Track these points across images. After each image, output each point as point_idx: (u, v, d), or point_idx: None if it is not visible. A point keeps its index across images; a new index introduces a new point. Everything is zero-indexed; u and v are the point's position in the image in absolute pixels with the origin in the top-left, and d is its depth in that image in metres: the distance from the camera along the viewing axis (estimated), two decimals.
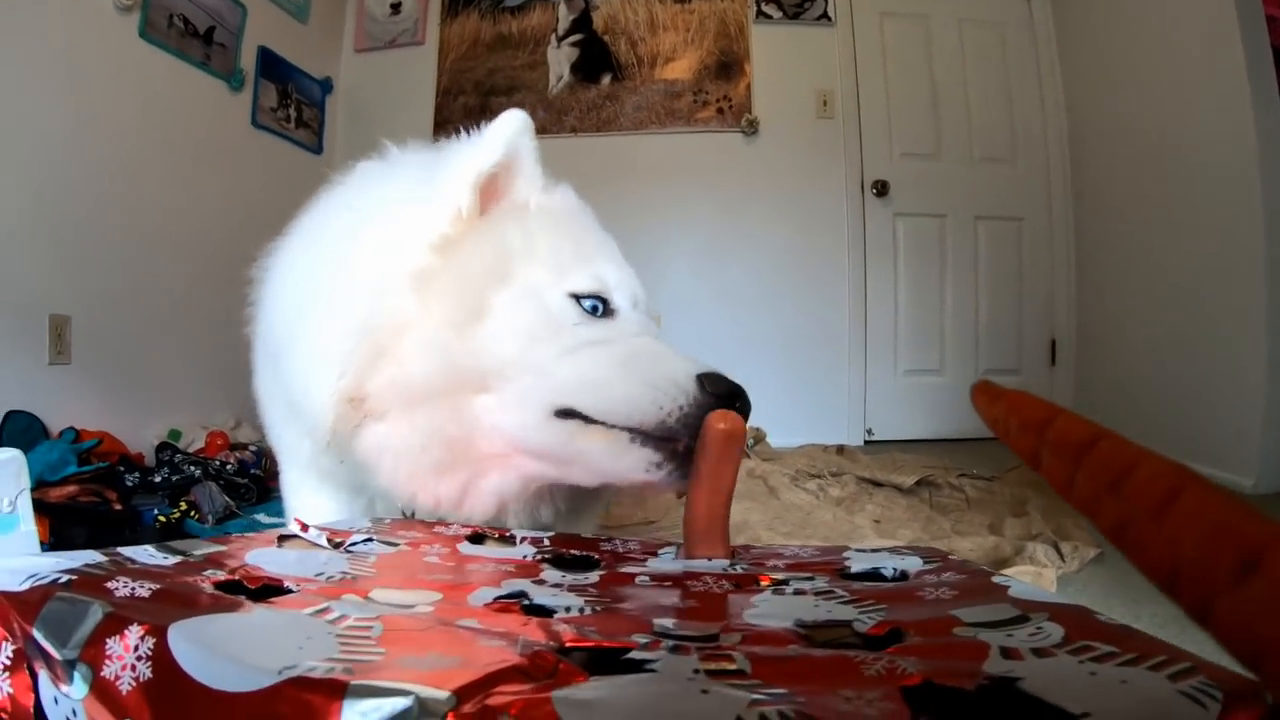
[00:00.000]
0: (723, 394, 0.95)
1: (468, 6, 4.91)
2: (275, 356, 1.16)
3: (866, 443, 4.54)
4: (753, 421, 3.31)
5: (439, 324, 1.00)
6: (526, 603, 0.65)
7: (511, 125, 1.13)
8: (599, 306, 1.06)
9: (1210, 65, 3.28)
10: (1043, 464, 0.46)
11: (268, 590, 0.63)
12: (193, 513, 2.53)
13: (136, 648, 0.47)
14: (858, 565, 0.82)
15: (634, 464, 0.97)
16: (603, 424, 0.98)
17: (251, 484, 2.89)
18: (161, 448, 3.16)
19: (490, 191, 1.13)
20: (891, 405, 4.65)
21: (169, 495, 2.60)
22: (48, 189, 2.96)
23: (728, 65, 4.72)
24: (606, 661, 0.51)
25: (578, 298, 1.05)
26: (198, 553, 0.71)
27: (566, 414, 0.98)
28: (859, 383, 4.64)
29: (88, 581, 0.55)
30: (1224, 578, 0.35)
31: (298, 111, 4.50)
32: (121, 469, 2.68)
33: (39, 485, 2.18)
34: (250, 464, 3.05)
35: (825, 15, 4.71)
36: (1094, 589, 1.85)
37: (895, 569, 0.80)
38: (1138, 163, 3.92)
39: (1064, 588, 1.83)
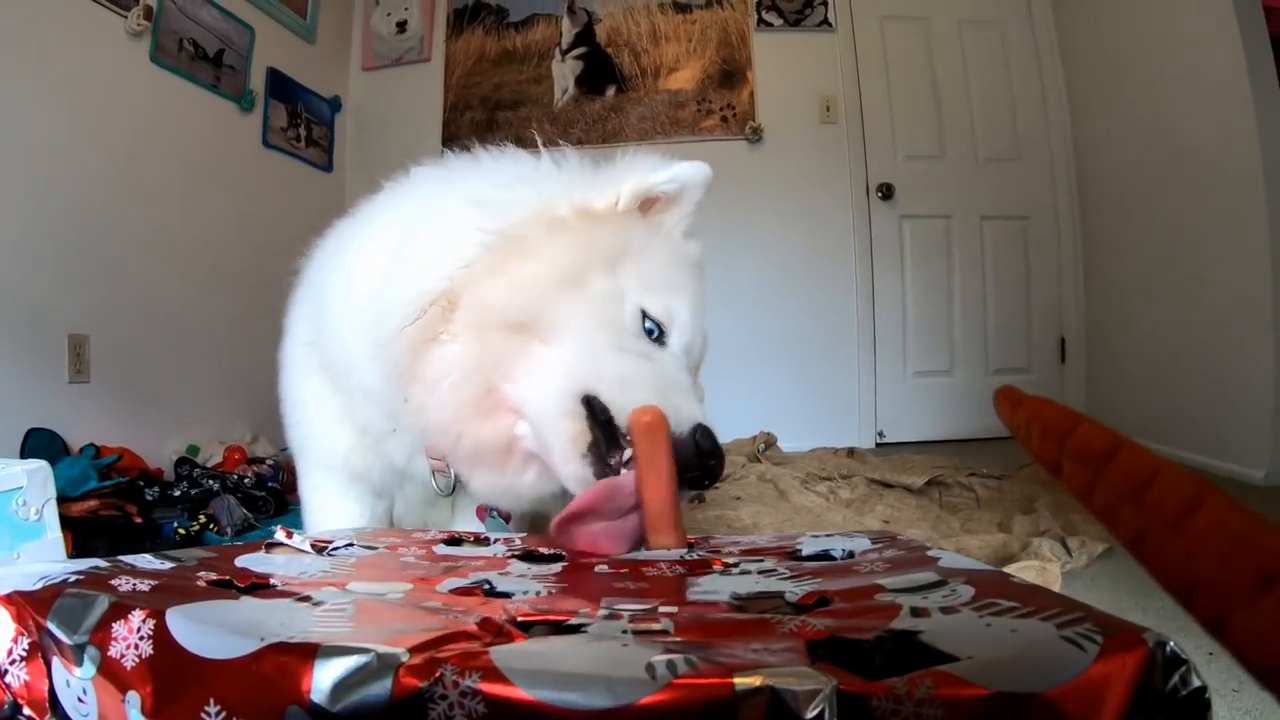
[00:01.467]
0: (705, 449, 1.01)
1: (472, 23, 4.97)
2: (350, 290, 1.18)
3: (878, 445, 4.55)
4: (764, 425, 3.34)
5: (545, 267, 1.05)
6: (488, 588, 0.70)
7: (695, 172, 1.27)
8: (655, 330, 1.12)
9: (1210, 58, 3.30)
10: (1064, 472, 0.46)
11: (255, 587, 0.68)
12: (211, 525, 2.58)
13: (139, 629, 0.53)
14: (809, 548, 0.87)
15: (573, 473, 1.01)
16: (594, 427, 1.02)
17: (269, 497, 2.93)
18: (180, 462, 3.19)
19: (646, 207, 1.22)
20: (902, 407, 4.66)
21: (188, 508, 2.64)
22: (64, 211, 3.00)
23: (730, 74, 4.76)
24: (549, 629, 0.57)
25: (645, 314, 1.11)
26: (192, 559, 0.76)
27: (587, 402, 1.02)
28: (869, 385, 4.65)
29: (94, 579, 0.61)
30: (1241, 592, 0.34)
31: (307, 130, 4.55)
32: (141, 483, 2.71)
33: (60, 500, 2.20)
34: (268, 477, 3.09)
35: (826, 21, 4.74)
36: (1103, 582, 1.87)
37: (844, 550, 0.86)
38: (1141, 158, 3.94)
39: (1071, 582, 1.85)
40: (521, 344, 1.04)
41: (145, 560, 0.73)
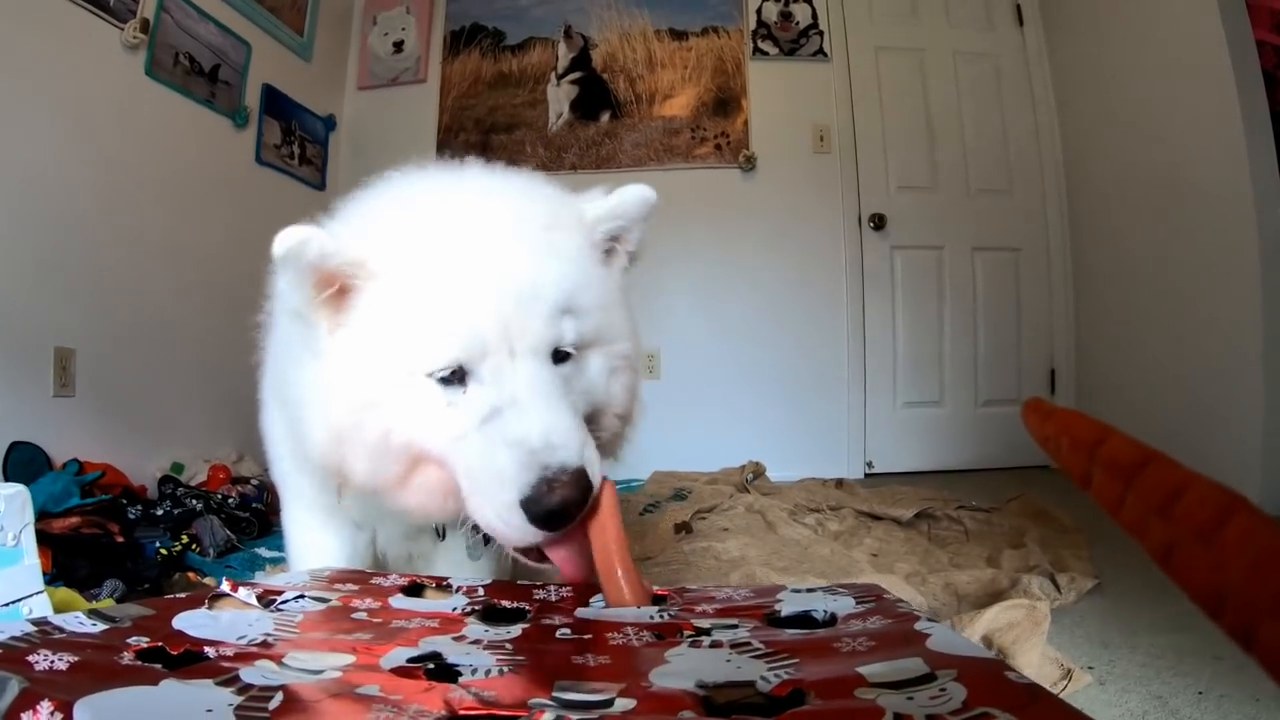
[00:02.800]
0: (540, 516, 0.93)
1: (469, 45, 4.98)
2: (282, 395, 1.18)
3: (867, 475, 4.54)
4: (752, 454, 3.33)
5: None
6: (433, 666, 0.67)
7: (639, 202, 1.17)
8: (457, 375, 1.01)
9: (1203, 93, 3.33)
10: (1093, 484, 0.46)
11: (188, 656, 0.66)
12: (194, 545, 2.56)
13: None
14: (789, 608, 0.84)
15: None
16: None
17: (253, 518, 2.91)
18: (164, 480, 3.17)
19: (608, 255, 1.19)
20: (891, 437, 4.65)
21: (171, 528, 2.62)
22: (54, 223, 2.99)
23: (725, 102, 4.79)
24: None
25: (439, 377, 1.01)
26: (126, 619, 0.73)
27: None
28: (858, 415, 4.64)
29: (9, 655, 0.59)
30: (1269, 603, 0.35)
31: (301, 148, 4.54)
32: (124, 501, 2.69)
33: (42, 516, 2.19)
34: (252, 498, 3.06)
35: (821, 51, 4.77)
36: (1091, 620, 1.86)
37: (826, 611, 0.82)
38: (1133, 191, 3.97)
39: (1060, 620, 1.83)
40: None
41: (75, 621, 0.70)
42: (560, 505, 0.91)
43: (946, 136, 4.78)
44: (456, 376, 0.99)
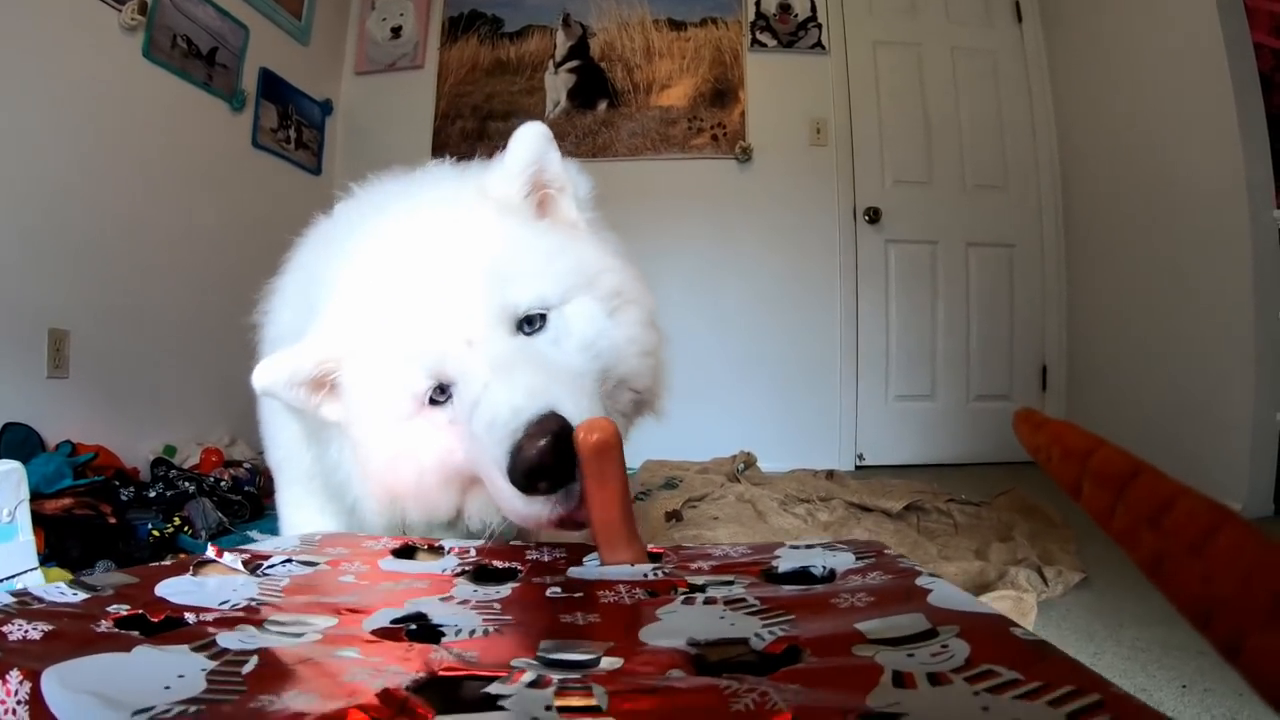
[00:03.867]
0: (522, 480, 0.89)
1: (467, 31, 4.97)
2: (329, 480, 1.19)
3: (857, 467, 4.56)
4: (744, 445, 3.33)
5: None
6: (415, 627, 0.66)
7: (533, 137, 1.16)
8: (445, 392, 1.02)
9: (1199, 92, 3.33)
10: (1083, 494, 0.46)
11: (168, 623, 0.65)
12: (186, 528, 2.56)
13: (16, 691, 0.50)
14: (786, 564, 0.82)
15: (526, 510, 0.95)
16: None
17: (245, 501, 2.92)
18: (157, 463, 3.17)
19: (542, 209, 1.19)
20: (882, 430, 4.67)
21: (163, 510, 2.62)
22: (50, 205, 2.99)
23: (723, 93, 4.79)
24: (466, 697, 0.52)
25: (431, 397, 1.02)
26: (109, 588, 0.73)
27: None
28: (850, 408, 4.66)
29: None
30: (1257, 616, 0.35)
31: (298, 132, 4.54)
32: (117, 483, 2.69)
33: (35, 497, 2.18)
34: (244, 481, 3.07)
35: (819, 44, 4.77)
36: (1078, 613, 1.88)
37: (824, 567, 0.80)
38: (1128, 190, 3.98)
39: (1047, 612, 1.85)
40: None
41: (57, 591, 0.70)
42: (537, 459, 0.86)
43: (943, 132, 4.79)
44: (442, 393, 1.00)
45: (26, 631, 0.58)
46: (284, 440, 1.32)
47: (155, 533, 2.43)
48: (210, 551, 0.86)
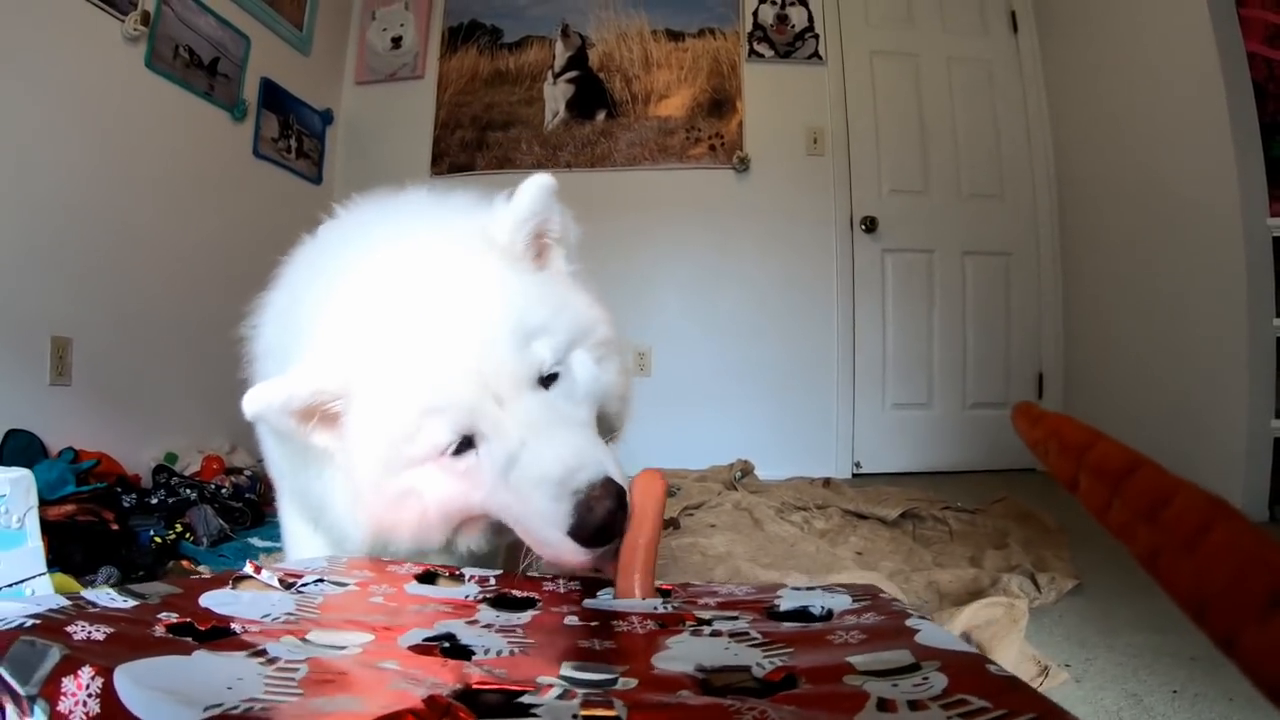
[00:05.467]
0: (589, 538, 0.96)
1: (467, 42, 5.00)
2: (306, 503, 1.22)
3: (855, 475, 4.57)
4: (741, 453, 3.35)
5: None
6: (448, 645, 0.70)
7: (540, 192, 1.17)
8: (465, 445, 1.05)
9: (1193, 101, 3.36)
10: (1081, 488, 0.46)
11: (216, 632, 0.68)
12: (188, 535, 2.57)
13: (88, 686, 0.53)
14: (787, 604, 0.87)
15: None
16: None
17: (246, 508, 2.92)
18: (158, 470, 3.18)
19: (539, 258, 1.22)
20: (879, 438, 4.69)
21: (165, 517, 2.63)
22: (54, 214, 3.01)
23: (720, 103, 4.81)
24: (501, 705, 0.56)
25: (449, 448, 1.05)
26: (155, 596, 0.76)
27: None
28: (847, 416, 4.68)
29: (49, 625, 0.61)
30: (1252, 609, 0.35)
31: (298, 142, 4.56)
32: (119, 490, 2.70)
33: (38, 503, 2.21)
34: (245, 488, 3.08)
35: (816, 54, 4.80)
36: (1070, 619, 1.89)
37: (823, 607, 0.85)
38: (1123, 198, 4.01)
39: (1040, 619, 1.86)
40: None
41: (107, 598, 0.73)
42: (604, 520, 0.95)
43: (939, 141, 4.81)
44: (465, 445, 1.03)
45: (90, 633, 0.61)
46: (277, 458, 1.33)
47: (157, 539, 2.43)
48: (248, 568, 0.89)
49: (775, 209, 4.73)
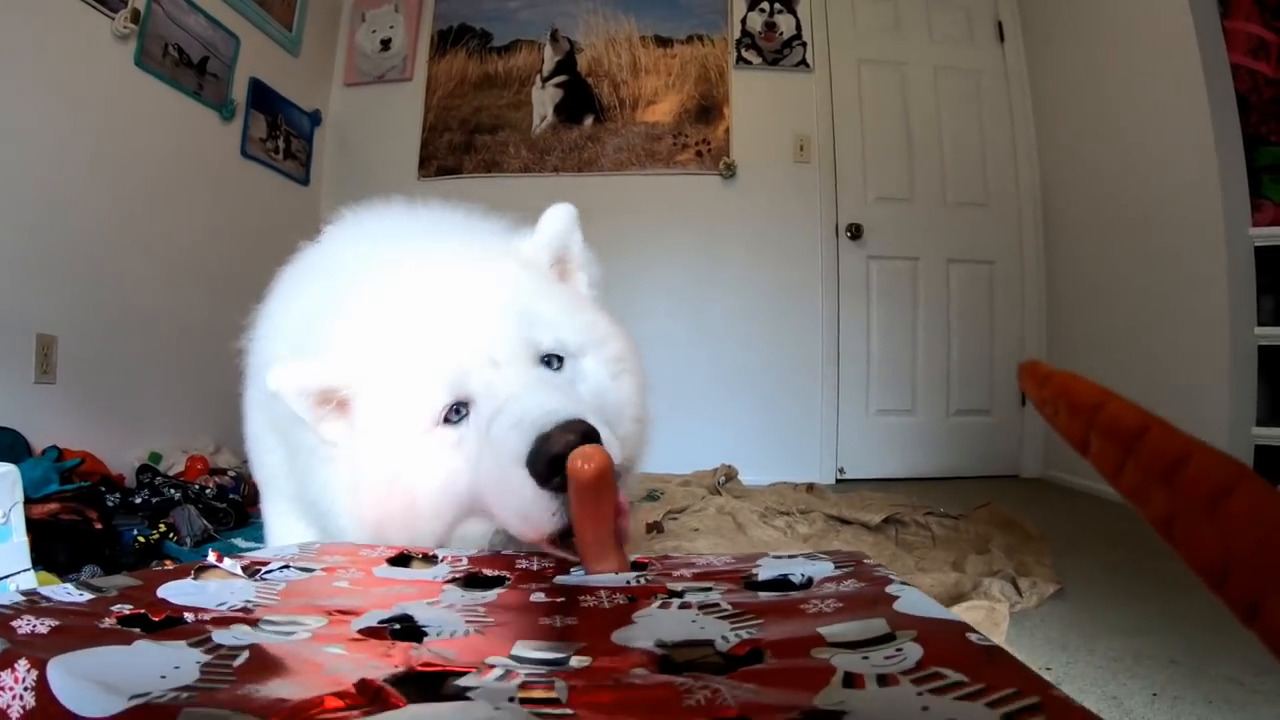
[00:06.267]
0: (543, 468, 0.93)
1: (456, 45, 5.01)
2: (307, 494, 1.22)
3: (838, 481, 4.59)
4: (726, 458, 3.35)
5: None
6: (399, 627, 0.70)
7: (563, 221, 1.26)
8: (460, 411, 1.06)
9: (1177, 111, 3.41)
10: (1091, 449, 0.44)
11: (168, 622, 0.69)
12: (171, 535, 2.56)
13: (23, 679, 0.53)
14: (767, 572, 0.85)
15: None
16: None
17: (230, 509, 2.92)
18: (142, 469, 3.18)
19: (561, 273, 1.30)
20: (863, 444, 4.71)
21: (148, 517, 2.62)
22: (40, 211, 3.01)
23: (708, 109, 4.84)
24: (436, 687, 0.56)
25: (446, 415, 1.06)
26: (113, 589, 0.76)
27: None
28: (831, 422, 4.70)
29: None
30: (1275, 578, 0.34)
31: (286, 143, 4.56)
32: (103, 489, 2.70)
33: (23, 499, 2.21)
34: (229, 489, 3.07)
35: (804, 62, 4.83)
36: (1052, 623, 1.91)
37: (803, 575, 0.83)
38: (1107, 207, 4.05)
39: (1022, 623, 1.88)
40: None
41: (64, 593, 0.73)
42: (561, 449, 0.91)
43: (925, 149, 4.84)
44: (457, 412, 1.05)
45: (35, 626, 0.62)
46: (271, 461, 1.35)
47: (141, 539, 2.43)
48: (211, 557, 0.89)
49: (762, 216, 4.75)
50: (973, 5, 4.96)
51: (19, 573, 1.18)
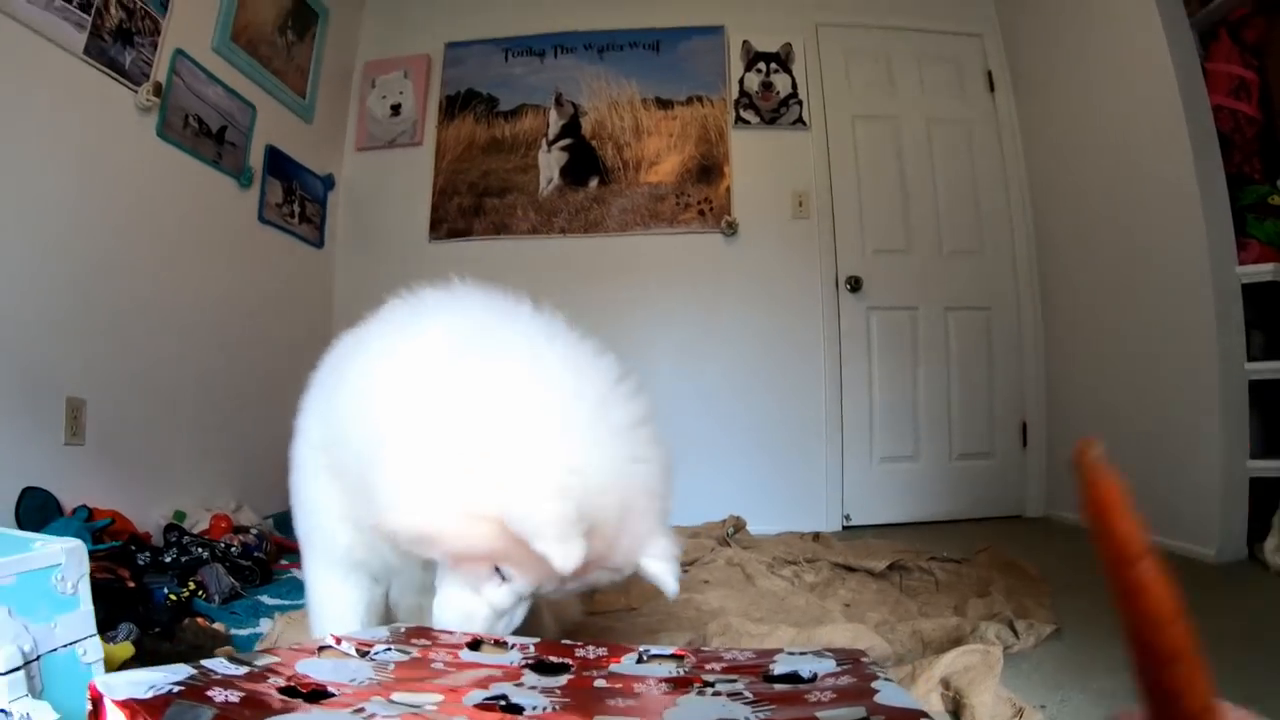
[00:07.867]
0: None
1: (464, 110, 5.12)
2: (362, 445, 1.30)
3: (845, 528, 4.64)
4: (734, 509, 3.41)
5: None
6: (505, 703, 0.83)
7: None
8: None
9: (1161, 154, 3.50)
10: (1115, 593, 0.44)
11: (317, 694, 0.81)
12: (200, 592, 2.63)
13: None
14: (781, 668, 0.99)
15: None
16: None
17: (255, 566, 2.98)
18: (169, 528, 3.23)
19: None
20: (868, 491, 4.75)
21: (177, 575, 2.69)
22: (68, 277, 3.10)
23: (708, 169, 4.94)
24: None
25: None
26: (259, 664, 0.88)
27: None
28: (836, 470, 4.74)
29: (193, 690, 0.73)
30: None
31: (301, 207, 4.67)
32: (133, 547, 2.77)
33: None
34: (253, 546, 3.13)
35: (800, 120, 4.94)
36: (1047, 664, 1.96)
37: (811, 670, 0.97)
38: (1098, 253, 4.14)
39: (1018, 664, 1.93)
40: None
41: (223, 665, 0.84)
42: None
43: (920, 200, 4.93)
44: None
45: (227, 696, 0.73)
46: (313, 512, 1.43)
47: (172, 596, 2.48)
48: (329, 640, 1.03)
49: (763, 271, 4.83)
50: (962, 56, 5.07)
51: (86, 639, 1.26)
